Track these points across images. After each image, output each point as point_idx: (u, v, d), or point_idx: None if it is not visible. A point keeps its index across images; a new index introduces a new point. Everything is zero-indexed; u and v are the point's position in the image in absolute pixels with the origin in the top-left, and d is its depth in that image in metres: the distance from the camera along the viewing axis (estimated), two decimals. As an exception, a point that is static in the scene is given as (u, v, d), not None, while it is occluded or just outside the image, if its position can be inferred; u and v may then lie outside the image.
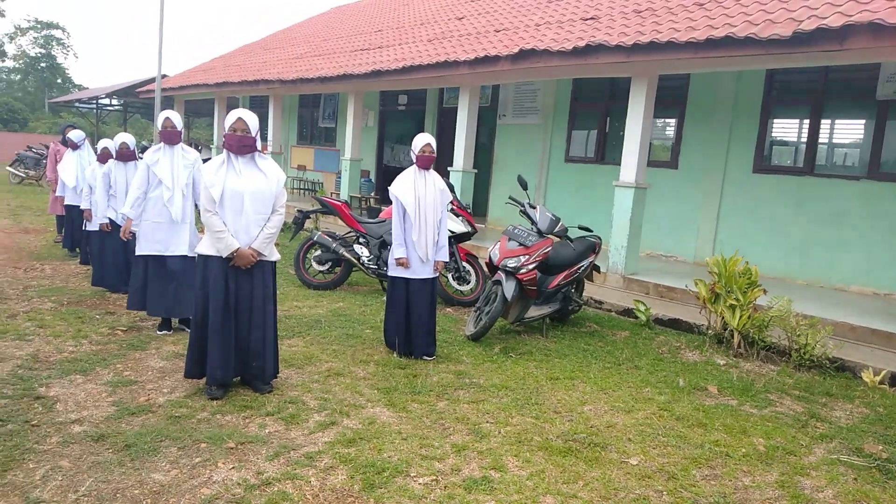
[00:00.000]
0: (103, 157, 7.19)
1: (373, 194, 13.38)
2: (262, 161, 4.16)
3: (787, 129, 8.90)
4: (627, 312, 6.88)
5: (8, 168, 19.66)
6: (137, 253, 5.41)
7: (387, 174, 15.57)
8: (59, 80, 54.49)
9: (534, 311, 5.91)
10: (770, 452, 3.77)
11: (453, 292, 7.14)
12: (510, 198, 6.27)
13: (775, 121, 8.77)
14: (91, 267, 7.52)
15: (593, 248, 6.33)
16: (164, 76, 20.27)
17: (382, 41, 12.95)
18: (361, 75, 10.96)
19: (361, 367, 4.86)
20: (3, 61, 36.14)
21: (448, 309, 6.88)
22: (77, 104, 29.32)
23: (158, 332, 5.44)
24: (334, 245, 7.42)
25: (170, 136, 5.32)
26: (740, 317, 5.62)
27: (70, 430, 3.54)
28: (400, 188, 4.96)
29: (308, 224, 9.16)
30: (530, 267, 5.59)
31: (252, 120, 4.09)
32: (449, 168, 10.04)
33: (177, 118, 5.40)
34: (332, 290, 7.48)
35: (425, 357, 5.06)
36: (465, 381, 4.68)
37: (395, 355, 5.11)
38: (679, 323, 6.52)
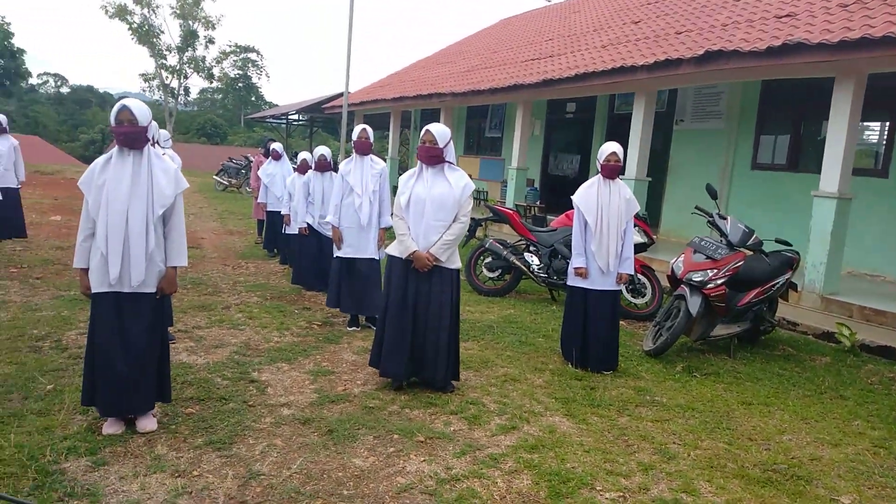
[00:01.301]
0: (302, 167, 7.92)
1: (538, 203, 13.39)
2: (450, 171, 4.32)
3: None
4: (827, 336, 6.22)
5: (214, 177, 22.34)
6: (335, 255, 5.89)
7: (551, 183, 15.51)
8: (252, 98, 60.88)
9: (720, 330, 5.55)
10: None
11: (627, 305, 6.92)
12: (696, 208, 5.95)
13: None
14: (288, 266, 8.33)
15: (790, 263, 5.81)
16: (342, 94, 21.91)
17: (553, 50, 12.94)
18: (532, 85, 11.04)
19: (537, 374, 4.88)
20: (211, 83, 41.26)
21: (621, 322, 6.67)
22: (269, 119, 32.57)
23: (348, 329, 5.88)
24: (505, 253, 7.54)
25: (363, 147, 5.73)
26: (976, 349, 4.85)
27: (280, 413, 3.94)
28: (582, 197, 4.92)
29: (478, 232, 9.38)
30: (719, 282, 5.27)
31: (440, 133, 4.28)
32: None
33: (371, 131, 5.81)
34: (502, 297, 7.59)
35: (603, 371, 4.95)
36: (647, 398, 4.52)
37: (570, 366, 5.07)
38: (891, 351, 5.77)
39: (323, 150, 7.27)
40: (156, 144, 5.77)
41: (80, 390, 3.66)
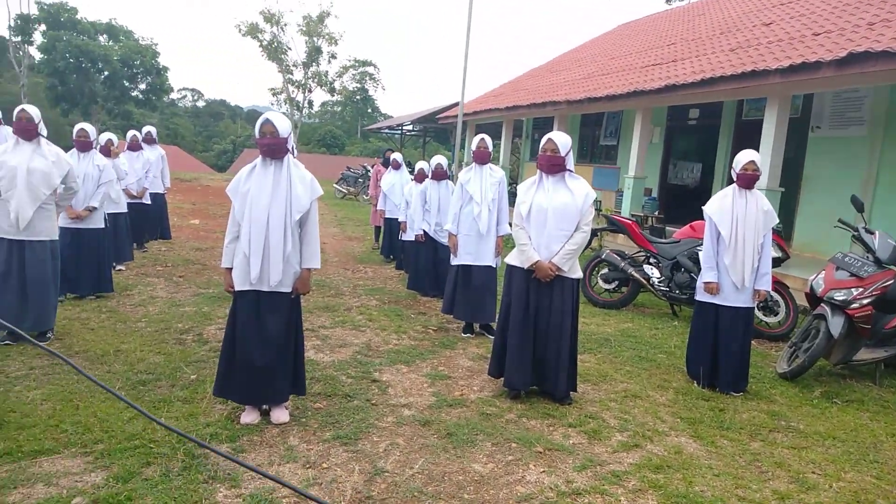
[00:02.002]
0: (419, 176, 8.13)
1: (656, 213, 12.89)
2: (572, 180, 4.27)
3: None
4: None
5: (334, 185, 23.41)
6: (451, 263, 5.98)
7: (670, 192, 14.89)
8: (368, 110, 63.21)
9: (864, 354, 5.08)
10: None
11: (758, 323, 6.48)
12: (840, 221, 5.50)
13: None
14: (404, 272, 8.56)
15: (949, 285, 5.22)
16: (456, 104, 22.24)
17: (676, 54, 12.47)
18: (653, 91, 10.67)
19: (659, 392, 4.70)
20: (333, 96, 43.35)
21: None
22: (387, 130, 33.70)
23: (462, 335, 5.94)
24: (622, 264, 7.33)
25: (483, 156, 5.80)
26: None
27: (401, 413, 4.05)
28: (716, 208, 4.68)
29: (593, 242, 9.20)
30: (864, 302, 4.83)
31: (562, 141, 4.24)
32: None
33: (489, 141, 5.87)
34: (618, 310, 7.38)
35: (732, 393, 4.68)
36: (781, 423, 4.22)
37: (695, 385, 4.84)
38: None
39: (440, 159, 7.42)
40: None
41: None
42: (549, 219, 4.18)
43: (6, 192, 4.84)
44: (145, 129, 9.75)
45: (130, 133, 9.29)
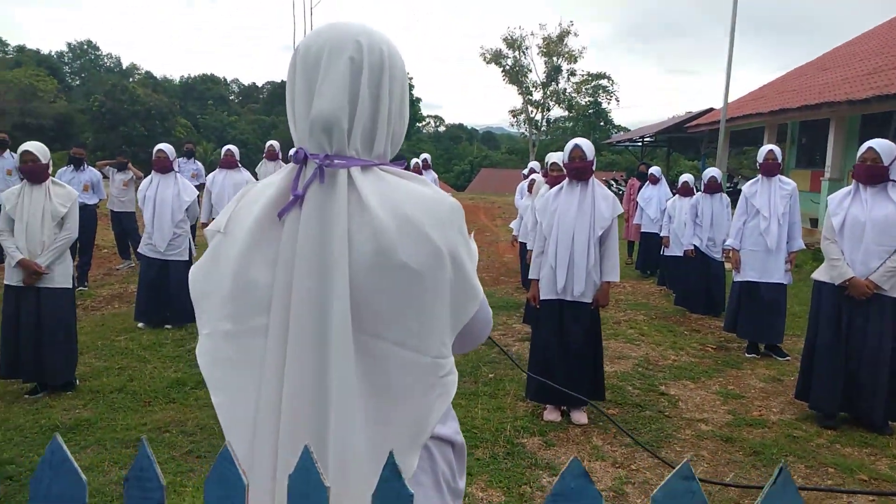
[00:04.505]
0: (683, 190, 7.96)
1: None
2: (894, 190, 3.96)
3: None
4: None
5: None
6: (734, 279, 5.79)
7: None
8: (601, 123, 62.37)
9: None
10: None
11: None
12: None
13: None
14: (665, 287, 8.44)
15: None
16: (707, 111, 21.05)
17: None
18: (968, 83, 9.12)
19: None
20: (570, 113, 43.75)
21: None
22: (623, 143, 33.06)
23: (746, 355, 5.71)
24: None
25: (770, 168, 5.55)
26: None
27: (699, 427, 4.08)
28: None
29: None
30: None
31: (886, 148, 3.95)
32: None
33: (778, 151, 5.60)
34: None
35: None
36: None
37: None
38: None
39: (713, 171, 7.21)
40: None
41: (524, 384, 4.38)
42: (867, 233, 3.92)
43: None
44: (422, 156, 11.00)
45: (413, 160, 10.56)
